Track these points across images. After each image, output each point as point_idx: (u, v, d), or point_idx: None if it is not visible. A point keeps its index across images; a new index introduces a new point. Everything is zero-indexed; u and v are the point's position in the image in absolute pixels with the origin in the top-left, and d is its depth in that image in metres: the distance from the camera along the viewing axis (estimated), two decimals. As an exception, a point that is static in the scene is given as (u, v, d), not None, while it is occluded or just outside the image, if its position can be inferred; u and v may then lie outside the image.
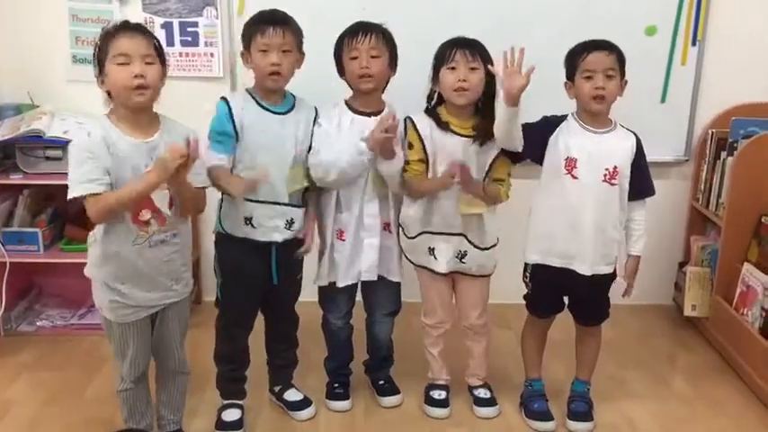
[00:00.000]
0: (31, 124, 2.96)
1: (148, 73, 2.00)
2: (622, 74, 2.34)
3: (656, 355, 3.09)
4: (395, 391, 2.70)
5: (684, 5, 3.20)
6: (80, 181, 1.96)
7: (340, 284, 2.52)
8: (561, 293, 2.53)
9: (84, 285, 2.20)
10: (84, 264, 2.17)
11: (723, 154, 3.16)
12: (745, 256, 2.98)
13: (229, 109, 2.32)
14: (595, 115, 2.36)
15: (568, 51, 2.38)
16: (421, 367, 2.71)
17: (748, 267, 2.92)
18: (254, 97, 2.36)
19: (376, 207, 2.47)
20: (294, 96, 2.42)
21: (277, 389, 2.66)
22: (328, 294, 2.60)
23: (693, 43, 3.25)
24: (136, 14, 3.12)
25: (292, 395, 2.63)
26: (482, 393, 2.65)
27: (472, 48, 2.35)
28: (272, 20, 2.28)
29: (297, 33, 2.32)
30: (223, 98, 2.35)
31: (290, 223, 2.40)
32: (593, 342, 2.59)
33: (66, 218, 3.24)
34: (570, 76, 2.36)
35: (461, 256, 2.49)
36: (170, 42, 3.17)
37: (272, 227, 2.38)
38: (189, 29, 3.17)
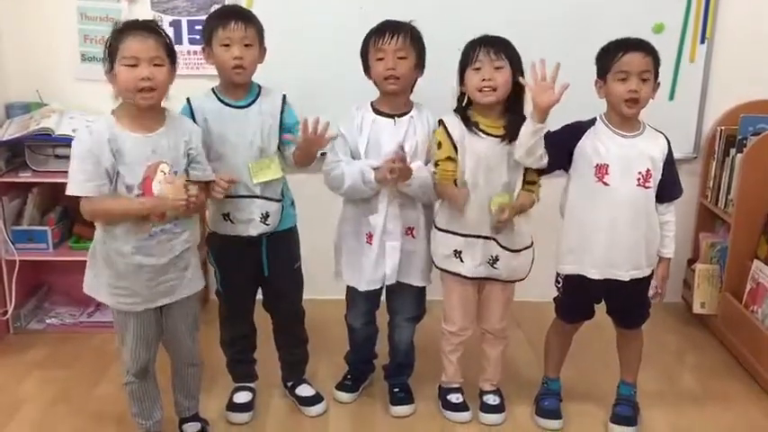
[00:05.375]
0: (41, 122, 2.97)
1: (156, 75, 2.01)
2: (656, 75, 2.26)
3: (666, 352, 3.08)
4: (407, 401, 2.63)
5: (693, 3, 3.20)
6: (79, 180, 2.03)
7: (362, 289, 2.50)
8: (595, 301, 2.47)
9: (93, 283, 2.22)
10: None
11: (732, 151, 3.16)
12: (754, 253, 2.97)
13: (191, 108, 2.33)
14: (626, 118, 2.28)
15: (601, 49, 2.31)
16: (433, 368, 2.67)
17: (758, 264, 2.91)
18: (216, 94, 2.36)
19: (397, 210, 2.42)
20: (260, 87, 2.39)
21: (289, 384, 2.67)
22: (349, 294, 2.61)
23: (702, 41, 3.24)
24: (144, 13, 3.13)
25: (304, 390, 2.63)
26: (491, 400, 2.58)
27: (496, 46, 2.28)
28: (234, 14, 2.30)
29: (258, 28, 2.32)
30: (187, 99, 2.35)
31: (264, 217, 2.38)
32: (635, 344, 2.52)
33: (75, 216, 3.24)
34: (602, 74, 2.29)
35: (493, 261, 2.40)
36: (178, 40, 3.18)
37: (246, 220, 2.38)
38: (197, 27, 3.17)
